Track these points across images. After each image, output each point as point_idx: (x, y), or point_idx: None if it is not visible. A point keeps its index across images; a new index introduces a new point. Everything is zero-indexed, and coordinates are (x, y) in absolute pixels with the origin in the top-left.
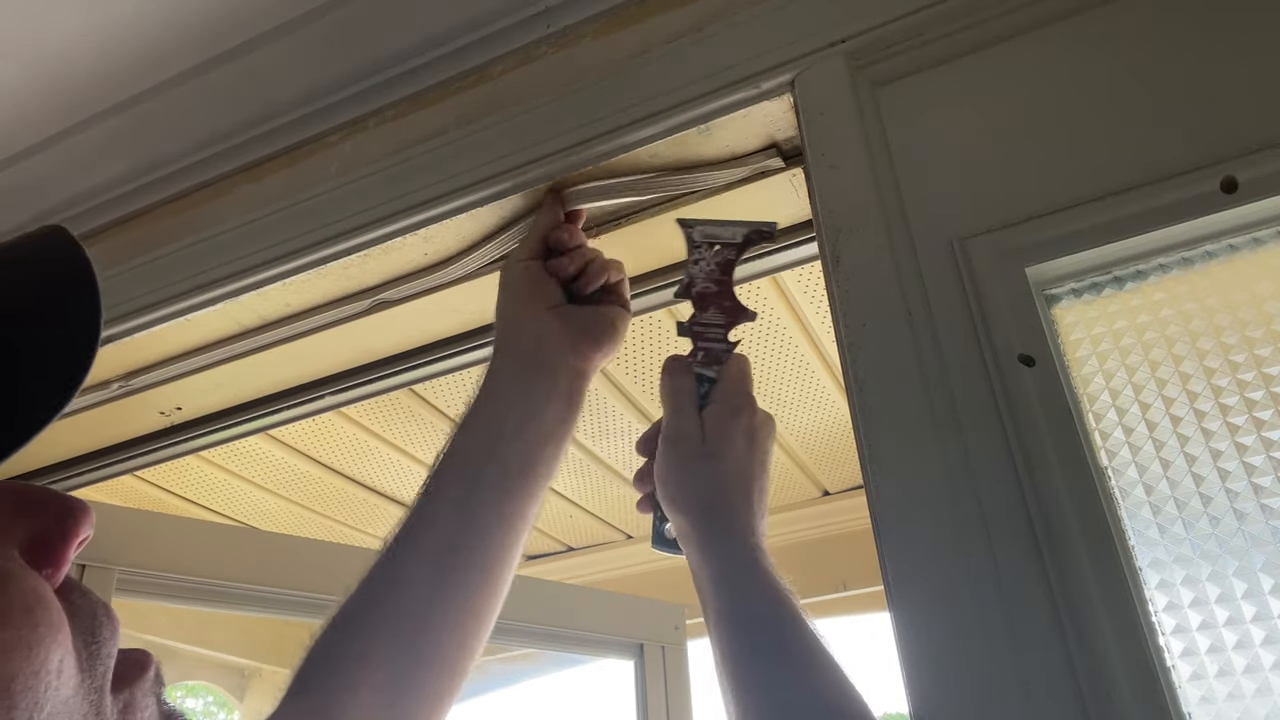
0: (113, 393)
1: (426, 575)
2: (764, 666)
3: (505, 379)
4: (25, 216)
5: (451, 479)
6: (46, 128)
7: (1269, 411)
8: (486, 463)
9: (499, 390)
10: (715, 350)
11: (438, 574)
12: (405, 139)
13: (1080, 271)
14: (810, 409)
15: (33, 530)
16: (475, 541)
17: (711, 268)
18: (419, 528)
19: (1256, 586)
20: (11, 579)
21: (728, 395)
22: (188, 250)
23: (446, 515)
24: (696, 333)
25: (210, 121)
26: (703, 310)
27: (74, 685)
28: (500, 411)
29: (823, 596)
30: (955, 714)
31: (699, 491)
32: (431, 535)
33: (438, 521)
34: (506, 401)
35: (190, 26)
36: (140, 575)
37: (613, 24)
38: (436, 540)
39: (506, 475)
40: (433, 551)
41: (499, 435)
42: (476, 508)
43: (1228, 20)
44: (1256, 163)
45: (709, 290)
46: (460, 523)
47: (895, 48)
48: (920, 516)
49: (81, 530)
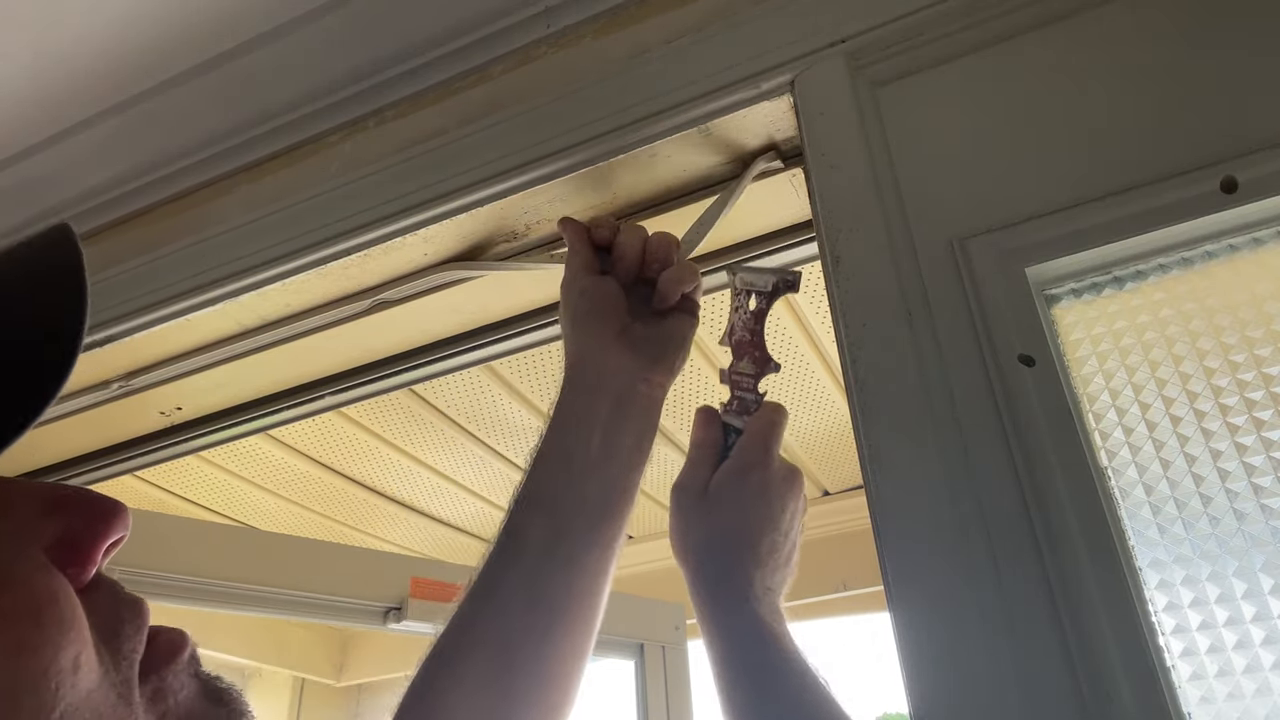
0: (113, 393)
1: (519, 607)
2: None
3: (578, 411)
4: (25, 216)
5: (533, 515)
6: (46, 128)
7: (1269, 411)
8: (566, 497)
9: (573, 422)
10: (746, 400)
11: (529, 609)
12: (405, 139)
13: (1080, 271)
14: (810, 409)
15: (62, 530)
16: (565, 575)
17: (748, 316)
18: (506, 565)
19: (1256, 586)
20: (21, 580)
21: (743, 449)
22: (188, 250)
23: (532, 554)
24: (734, 381)
25: (210, 121)
26: (739, 359)
27: (95, 679)
28: (575, 443)
29: (823, 596)
30: (955, 714)
31: (695, 544)
32: (518, 572)
33: (524, 559)
34: (581, 434)
35: (190, 26)
36: (140, 575)
37: (613, 24)
38: (524, 577)
39: (587, 505)
40: (522, 591)
41: (576, 468)
42: (561, 544)
43: (1228, 20)
44: (1256, 163)
45: (744, 339)
46: (546, 562)
47: (895, 48)
48: (920, 516)
49: (113, 530)
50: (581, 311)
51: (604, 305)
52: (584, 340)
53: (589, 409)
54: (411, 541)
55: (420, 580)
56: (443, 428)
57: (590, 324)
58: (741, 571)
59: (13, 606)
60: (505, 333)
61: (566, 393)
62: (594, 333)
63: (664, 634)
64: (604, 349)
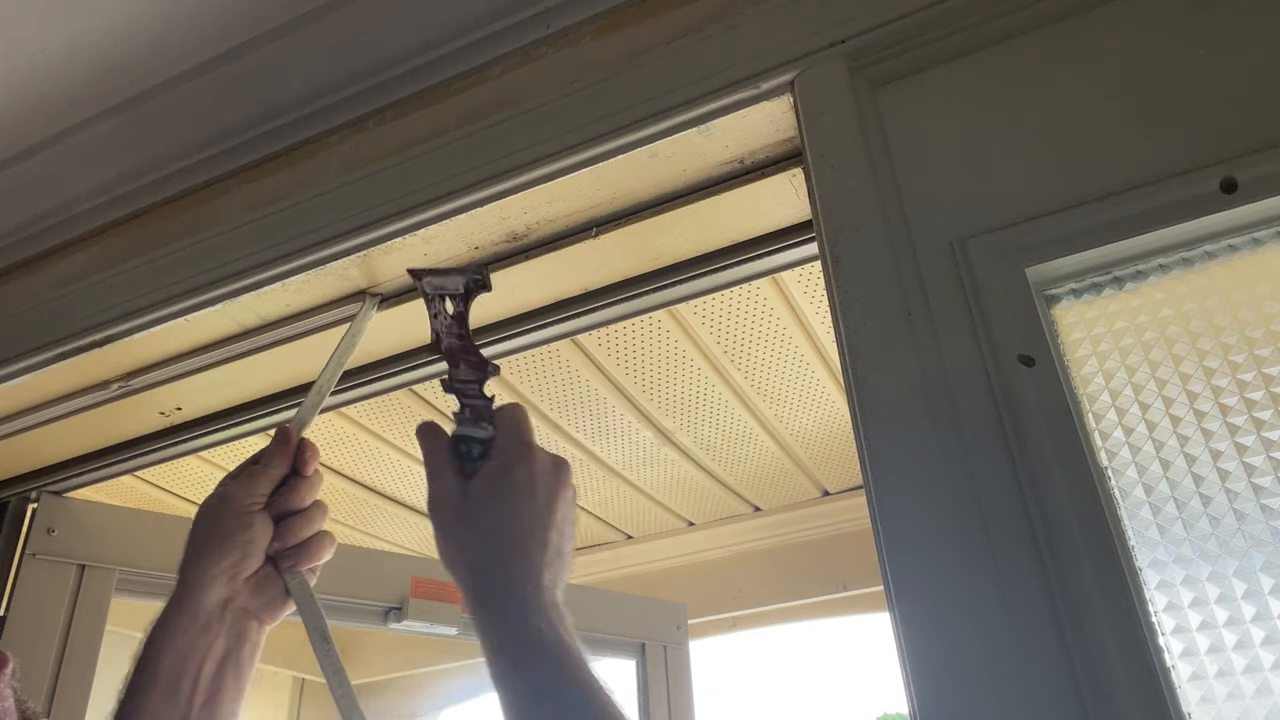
0: (113, 393)
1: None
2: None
3: (187, 635)
4: (25, 216)
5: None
6: (46, 128)
7: (1269, 411)
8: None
9: (180, 643)
10: (479, 407)
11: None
12: (405, 139)
13: (1080, 272)
14: (810, 409)
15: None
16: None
17: (449, 321)
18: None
19: (1256, 587)
20: None
21: (502, 450)
22: (188, 250)
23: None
24: (459, 390)
25: (210, 121)
26: (455, 366)
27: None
28: (183, 666)
29: (823, 596)
30: (956, 713)
31: (462, 555)
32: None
33: None
34: (188, 658)
35: (190, 27)
36: (140, 575)
37: (613, 24)
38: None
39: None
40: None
41: (183, 693)
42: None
43: (1228, 20)
44: (1256, 163)
45: (454, 345)
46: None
47: (895, 48)
48: (920, 516)
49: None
50: (213, 529)
51: (238, 532)
52: (207, 561)
53: (199, 634)
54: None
55: (420, 580)
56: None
57: (217, 546)
58: (519, 576)
59: None
60: (505, 333)
61: (171, 610)
62: (217, 559)
63: (665, 634)
64: (229, 582)
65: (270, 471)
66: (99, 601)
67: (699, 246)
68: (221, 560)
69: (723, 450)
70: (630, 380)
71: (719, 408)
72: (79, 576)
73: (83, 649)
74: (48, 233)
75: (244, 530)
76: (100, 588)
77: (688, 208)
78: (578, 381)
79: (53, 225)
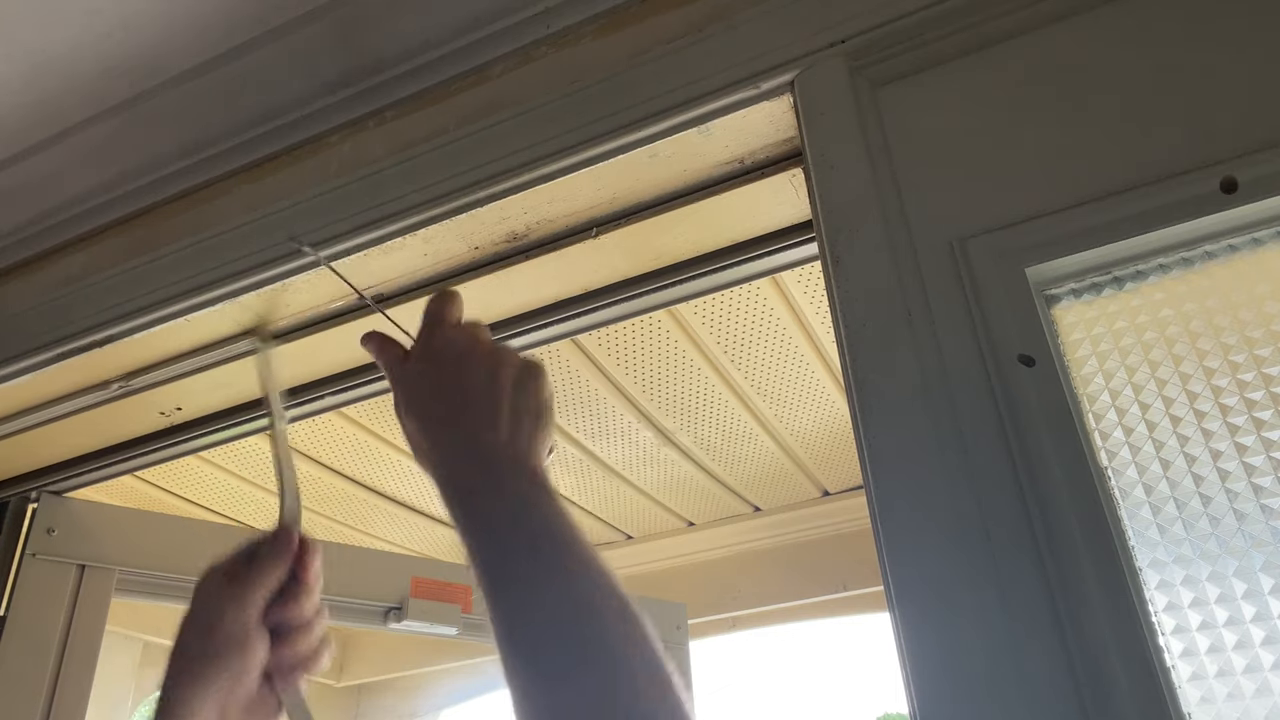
0: (113, 393)
1: None
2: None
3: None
4: (25, 216)
5: None
6: (46, 128)
7: (1269, 411)
8: None
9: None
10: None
11: None
12: (405, 139)
13: (1080, 272)
14: (810, 409)
15: None
16: None
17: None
18: None
19: (1256, 587)
20: None
21: (420, 341)
22: (188, 250)
23: None
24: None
25: (210, 122)
26: None
27: None
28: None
29: (823, 597)
30: (956, 713)
31: (425, 437)
32: None
33: None
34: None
35: (190, 27)
36: (140, 575)
37: (612, 24)
38: None
39: None
40: None
41: None
42: None
43: (1228, 20)
44: (1256, 163)
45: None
46: None
47: (895, 48)
48: (920, 516)
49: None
50: (212, 635)
51: (235, 641)
52: (199, 672)
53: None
54: (411, 541)
55: (420, 580)
56: None
57: (213, 658)
58: (474, 434)
59: None
60: (505, 333)
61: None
62: (209, 674)
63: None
64: (221, 693)
65: (267, 580)
66: (99, 602)
67: (699, 246)
68: (211, 685)
69: (723, 450)
70: (630, 380)
71: (719, 408)
72: (79, 576)
73: (83, 649)
74: (48, 233)
75: (237, 655)
76: (100, 588)
77: (688, 208)
78: (578, 381)
79: (53, 225)
